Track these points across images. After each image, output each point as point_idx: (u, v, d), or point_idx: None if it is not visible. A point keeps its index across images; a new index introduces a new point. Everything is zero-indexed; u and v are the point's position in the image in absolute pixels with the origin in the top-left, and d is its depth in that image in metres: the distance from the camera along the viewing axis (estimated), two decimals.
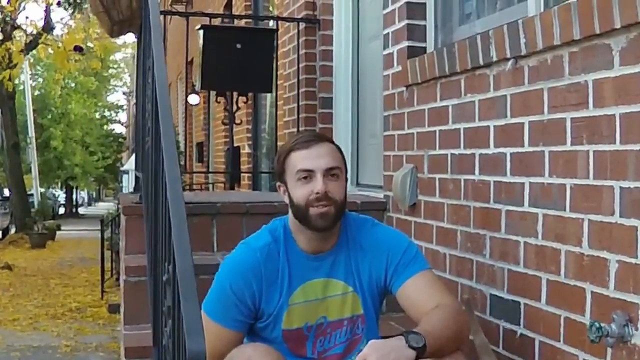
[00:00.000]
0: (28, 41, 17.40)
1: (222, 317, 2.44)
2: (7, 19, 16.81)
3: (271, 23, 6.20)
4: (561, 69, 2.42)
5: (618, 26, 2.11)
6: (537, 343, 2.57)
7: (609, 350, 2.18)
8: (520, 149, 2.67)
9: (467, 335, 2.45)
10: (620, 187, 2.14)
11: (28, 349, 7.64)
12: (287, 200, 2.54)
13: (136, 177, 4.43)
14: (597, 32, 2.20)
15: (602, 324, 2.12)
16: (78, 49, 13.14)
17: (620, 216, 2.15)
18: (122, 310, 3.75)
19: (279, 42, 5.81)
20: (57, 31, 19.17)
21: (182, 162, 10.05)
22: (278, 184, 2.60)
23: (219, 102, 5.55)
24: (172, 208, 2.04)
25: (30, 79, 30.15)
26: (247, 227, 3.62)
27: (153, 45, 2.82)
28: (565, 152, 2.40)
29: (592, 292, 2.27)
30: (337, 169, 2.47)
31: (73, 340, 8.09)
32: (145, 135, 3.45)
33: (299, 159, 2.46)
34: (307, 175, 2.44)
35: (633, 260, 2.09)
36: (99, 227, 12.85)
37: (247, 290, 2.46)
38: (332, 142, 2.54)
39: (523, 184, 2.65)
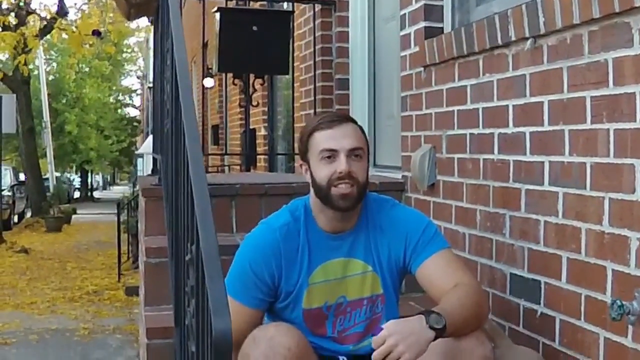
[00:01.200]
0: (42, 26, 17.43)
1: (242, 296, 2.46)
2: (21, 4, 16.83)
3: (286, 5, 6.19)
4: (581, 48, 2.42)
5: (638, 4, 2.11)
6: (557, 321, 2.58)
7: (630, 327, 2.19)
8: (539, 128, 2.67)
9: (486, 314, 2.46)
10: None
11: (46, 331, 7.67)
12: (309, 179, 2.55)
13: (154, 160, 4.45)
14: (617, 10, 2.20)
15: (624, 302, 2.12)
16: (96, 33, 13.15)
17: None
18: (142, 291, 3.79)
19: (295, 24, 5.81)
20: (71, 16, 19.22)
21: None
22: (300, 162, 2.62)
23: (236, 85, 5.56)
24: (195, 188, 2.05)
25: (45, 63, 30.19)
26: (265, 208, 3.63)
27: (172, 26, 2.83)
28: (585, 131, 2.41)
29: (612, 270, 2.28)
30: (360, 150, 2.49)
31: (91, 323, 8.13)
32: (164, 117, 3.47)
33: (323, 139, 2.48)
34: (331, 155, 2.46)
35: None
36: (115, 211, 12.90)
37: (267, 269, 2.49)
38: (356, 123, 2.56)
39: (543, 163, 2.65)
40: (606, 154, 2.30)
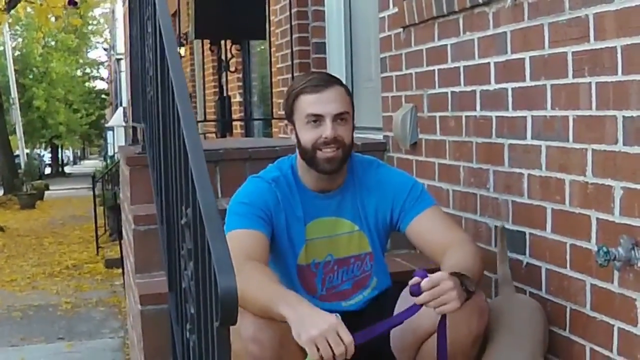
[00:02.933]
0: (8, 0, 17.19)
1: (242, 223, 2.46)
2: None
3: None
4: (561, 4, 2.46)
5: None
6: (543, 271, 2.66)
7: (616, 273, 2.26)
8: (521, 84, 2.72)
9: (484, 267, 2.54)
10: (623, 117, 2.20)
11: (29, 308, 7.70)
12: (294, 140, 2.60)
13: (134, 129, 4.46)
14: None
15: (610, 248, 2.19)
16: (72, 3, 12.95)
17: (624, 144, 2.21)
18: (130, 260, 3.81)
19: None
20: None
21: None
22: (286, 123, 2.66)
23: (212, 51, 5.57)
24: (191, 154, 2.08)
25: (10, 39, 29.83)
26: (250, 173, 3.62)
27: None
28: (567, 85, 2.46)
29: (597, 218, 2.34)
30: (346, 114, 2.53)
31: (73, 297, 8.16)
32: (146, 85, 3.47)
33: (309, 103, 2.51)
34: (317, 119, 2.49)
35: (638, 186, 2.16)
36: (87, 185, 12.92)
37: (263, 201, 2.52)
38: (341, 84, 2.58)
39: (525, 117, 2.71)
40: (588, 106, 2.35)
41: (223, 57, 5.44)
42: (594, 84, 2.32)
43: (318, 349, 2.02)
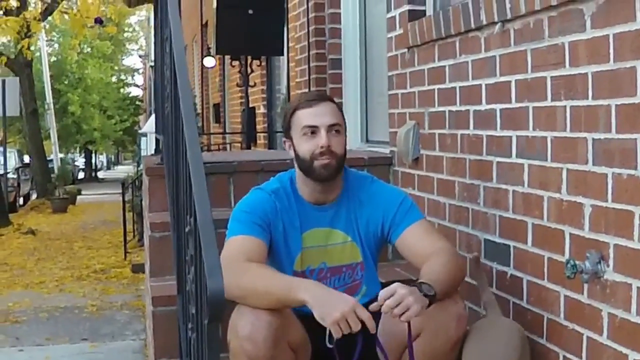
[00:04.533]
0: (44, 9, 17.56)
1: (242, 230, 2.68)
2: None
3: None
4: (542, 32, 2.64)
5: None
6: (524, 282, 2.83)
7: (585, 285, 2.43)
8: (508, 105, 2.90)
9: (463, 276, 2.72)
10: (593, 139, 2.38)
11: (55, 309, 7.85)
12: (292, 155, 2.81)
13: (156, 140, 4.69)
14: None
15: (577, 262, 2.37)
16: (99, 21, 13.25)
17: (593, 164, 2.38)
18: (147, 264, 4.02)
19: (289, 5, 6.02)
20: None
21: (200, 124, 10.25)
22: (284, 139, 2.87)
23: (234, 66, 5.79)
24: (192, 167, 2.29)
25: (47, 45, 30.30)
26: (262, 184, 3.86)
27: (170, 17, 3.05)
28: (546, 107, 2.64)
29: (570, 233, 2.52)
30: (339, 125, 2.75)
31: (99, 300, 8.30)
32: (164, 100, 3.69)
33: (304, 116, 2.73)
34: (312, 130, 2.71)
35: (604, 204, 2.33)
36: (119, 190, 13.06)
37: (262, 210, 2.74)
38: (333, 101, 2.81)
39: (511, 137, 2.89)
40: (564, 128, 2.53)
41: (244, 72, 5.65)
42: (569, 107, 2.50)
43: (341, 328, 2.23)
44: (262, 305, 2.38)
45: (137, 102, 43.08)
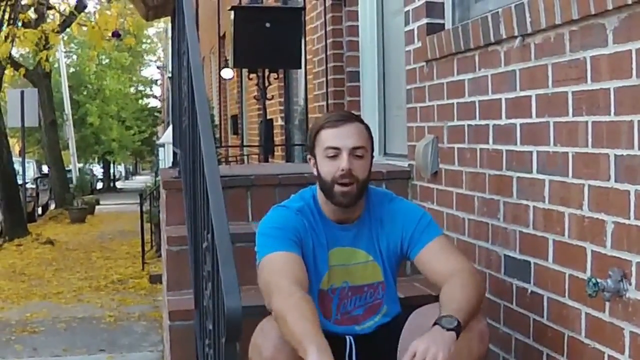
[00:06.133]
0: (62, 21, 17.68)
1: (279, 246, 2.61)
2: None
3: (300, 0, 6.39)
4: (563, 46, 2.62)
5: (610, 7, 2.30)
6: (545, 299, 2.79)
7: (607, 304, 2.39)
8: (528, 120, 2.87)
9: (483, 295, 2.68)
10: (615, 155, 2.34)
11: (73, 320, 7.89)
12: (315, 173, 2.78)
13: (174, 153, 4.69)
14: (593, 12, 2.39)
15: (599, 280, 2.33)
16: (116, 34, 13.36)
17: (615, 181, 2.35)
18: (164, 277, 4.02)
19: (307, 18, 6.01)
20: (90, 8, 19.47)
21: (217, 135, 10.27)
22: (309, 156, 2.84)
23: (252, 79, 5.79)
24: (209, 183, 2.29)
25: (65, 56, 30.51)
26: (279, 198, 3.80)
27: (187, 33, 3.05)
28: (567, 123, 2.61)
29: (592, 250, 2.49)
30: (363, 149, 2.70)
31: (116, 311, 8.33)
32: (182, 114, 3.69)
33: (328, 137, 2.70)
34: (334, 153, 2.68)
35: (627, 221, 2.30)
36: (137, 201, 13.09)
37: (292, 226, 2.69)
38: (361, 122, 2.77)
39: (531, 152, 2.86)
40: (585, 144, 2.50)
41: (261, 85, 5.66)
42: (590, 123, 2.47)
43: None
44: (283, 333, 2.33)
45: (155, 113, 43.32)
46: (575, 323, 2.59)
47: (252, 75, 5.72)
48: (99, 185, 42.75)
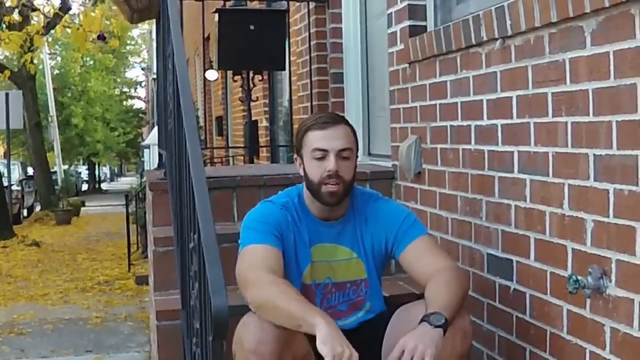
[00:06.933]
0: (46, 23, 17.63)
1: (259, 239, 2.68)
2: (26, 1, 17.03)
3: (284, 3, 6.42)
4: (542, 48, 2.66)
5: (588, 10, 2.34)
6: (527, 296, 2.84)
7: (588, 300, 2.44)
8: (509, 121, 2.91)
9: (467, 291, 2.73)
10: (594, 155, 2.39)
11: (60, 321, 7.90)
12: (301, 173, 2.83)
13: (159, 155, 4.71)
14: (571, 15, 2.43)
15: (579, 277, 2.38)
16: (102, 37, 13.35)
17: (595, 180, 2.40)
18: (151, 278, 4.05)
19: (291, 20, 6.04)
20: (74, 9, 19.43)
21: (203, 137, 10.27)
22: (295, 156, 2.89)
23: (236, 81, 5.82)
24: (195, 184, 2.32)
25: (49, 58, 30.40)
26: (265, 198, 3.88)
27: (172, 37, 3.08)
28: (547, 123, 2.65)
29: (572, 248, 2.53)
30: (349, 150, 2.76)
31: (103, 312, 8.35)
32: (167, 116, 3.72)
33: (316, 139, 2.75)
34: (322, 155, 2.73)
35: (606, 220, 2.34)
36: (123, 202, 13.11)
37: (275, 220, 2.76)
38: (347, 124, 2.82)
39: (512, 152, 2.90)
40: (565, 144, 2.55)
41: (246, 87, 5.69)
42: (570, 123, 2.52)
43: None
44: (275, 321, 2.39)
45: (140, 115, 43.20)
46: (557, 320, 2.63)
47: (237, 77, 5.75)
48: (85, 186, 42.63)
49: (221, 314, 1.88)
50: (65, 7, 17.55)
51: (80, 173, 43.39)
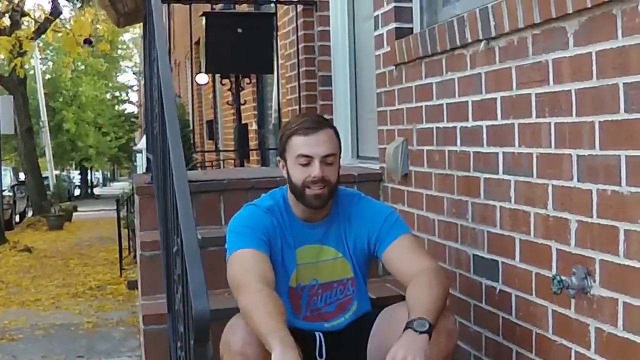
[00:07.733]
0: (36, 28, 17.62)
1: (248, 243, 2.67)
2: (15, 6, 17.03)
3: (272, 6, 6.42)
4: (526, 50, 2.66)
5: (571, 11, 2.35)
6: (513, 297, 2.84)
7: (572, 301, 2.44)
8: (494, 122, 2.91)
9: (449, 289, 2.73)
10: (577, 155, 2.39)
11: (51, 327, 7.90)
12: (285, 175, 2.83)
13: (147, 159, 4.70)
14: (554, 16, 2.44)
15: (563, 277, 2.38)
16: (88, 42, 13.37)
17: (578, 181, 2.40)
18: (139, 282, 4.04)
19: (279, 23, 6.04)
20: (65, 14, 19.41)
21: (193, 141, 10.28)
22: (278, 159, 2.89)
23: (224, 84, 5.81)
24: (177, 188, 2.31)
25: (40, 63, 30.37)
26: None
27: (157, 41, 3.07)
28: (531, 124, 2.65)
29: (557, 249, 2.53)
30: (333, 156, 2.76)
31: (94, 317, 8.35)
32: (153, 120, 3.71)
33: (300, 145, 2.74)
34: (307, 161, 2.72)
35: (589, 220, 2.34)
36: (115, 207, 13.10)
37: (262, 224, 2.76)
38: (331, 127, 2.82)
39: (497, 153, 2.90)
40: (549, 145, 2.55)
41: (234, 90, 5.69)
42: (553, 124, 2.52)
43: None
44: (252, 326, 2.39)
45: (132, 119, 43.17)
46: (543, 320, 2.63)
47: (225, 81, 5.75)
48: (77, 191, 42.56)
49: (202, 317, 1.87)
50: (56, 12, 17.53)
51: (72, 178, 43.32)
